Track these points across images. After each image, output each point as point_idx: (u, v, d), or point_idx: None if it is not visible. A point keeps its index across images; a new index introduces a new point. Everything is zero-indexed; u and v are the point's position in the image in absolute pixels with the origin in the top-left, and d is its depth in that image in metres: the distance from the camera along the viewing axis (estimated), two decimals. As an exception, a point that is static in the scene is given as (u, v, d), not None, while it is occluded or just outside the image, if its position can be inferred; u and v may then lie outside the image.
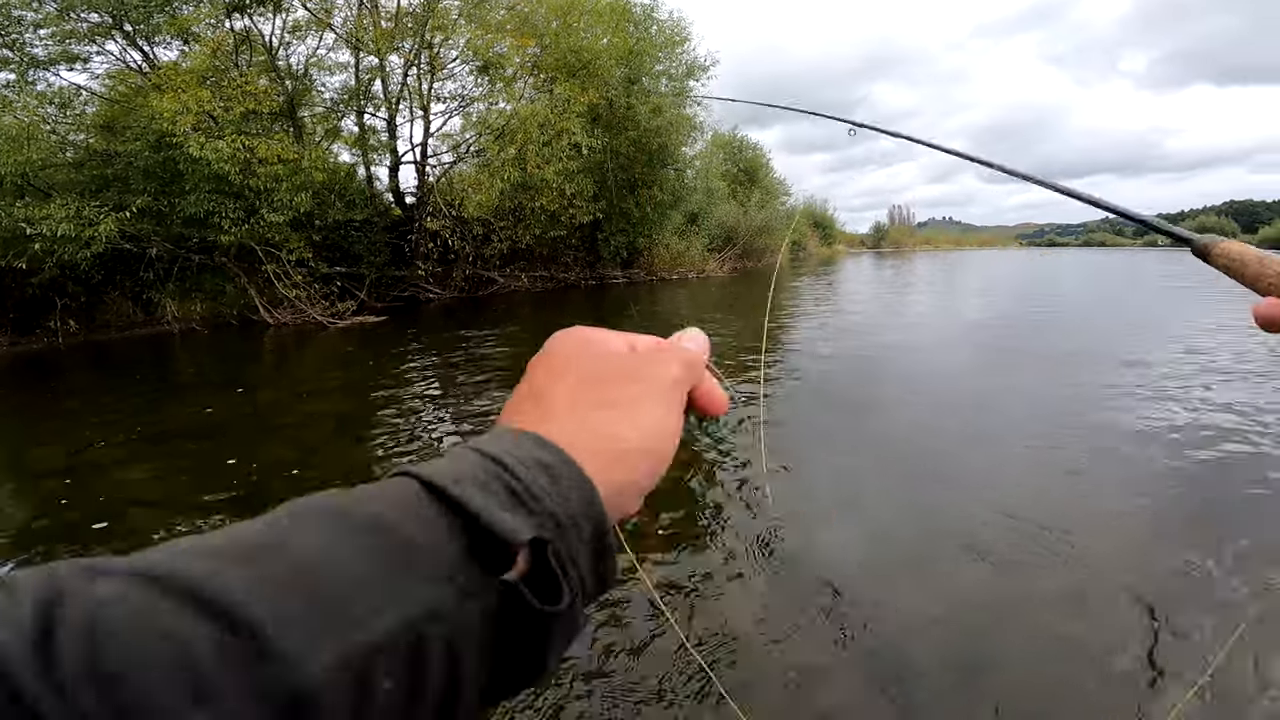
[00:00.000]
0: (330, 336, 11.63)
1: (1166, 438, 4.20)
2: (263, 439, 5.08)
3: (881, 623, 2.33)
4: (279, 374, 8.80)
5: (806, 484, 3.67)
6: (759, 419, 4.42)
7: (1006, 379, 6.31)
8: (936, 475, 3.70)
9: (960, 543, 2.88)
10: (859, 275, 24.59)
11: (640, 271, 22.68)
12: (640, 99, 17.62)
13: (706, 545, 2.96)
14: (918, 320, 11.24)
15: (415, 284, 16.83)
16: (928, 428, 4.63)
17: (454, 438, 4.84)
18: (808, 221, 37.83)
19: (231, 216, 10.87)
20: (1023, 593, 2.52)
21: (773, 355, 7.51)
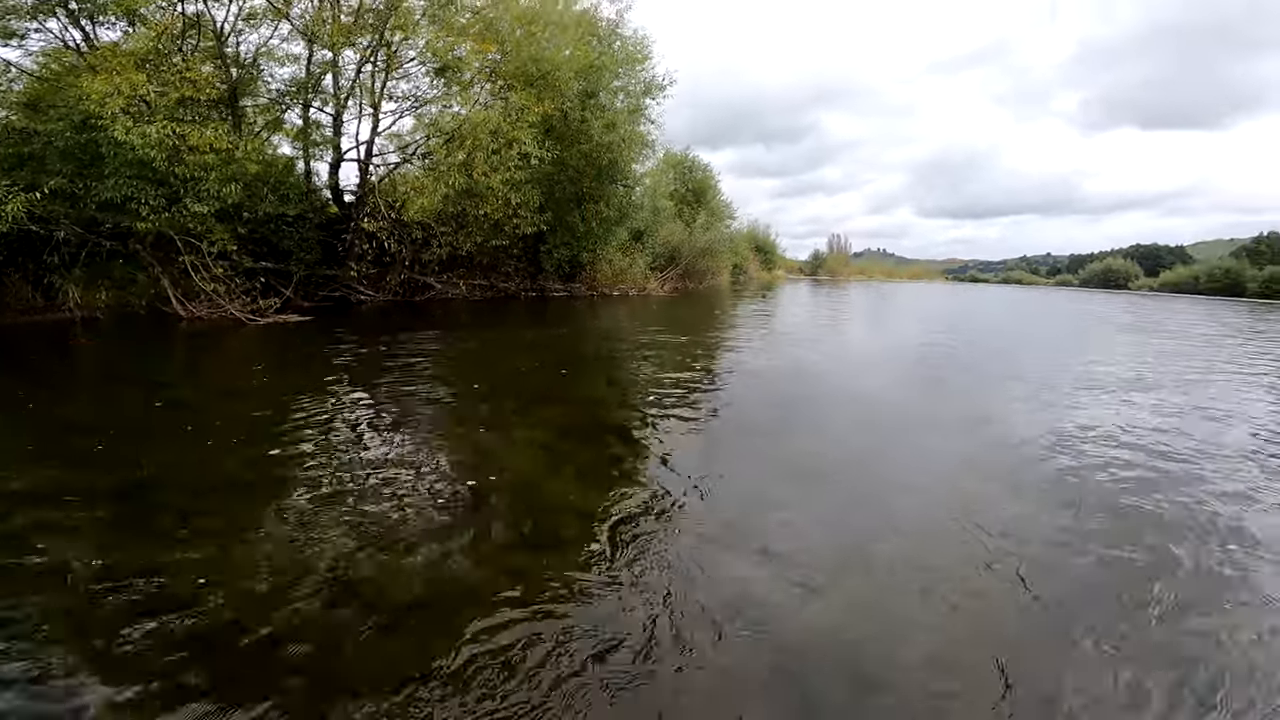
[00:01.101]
0: (249, 333, 11.19)
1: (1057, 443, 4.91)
2: (164, 437, 4.73)
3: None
4: (189, 370, 8.40)
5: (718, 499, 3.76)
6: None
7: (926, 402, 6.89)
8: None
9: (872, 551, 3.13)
10: (796, 300, 25.59)
11: (581, 286, 22.72)
12: (595, 113, 17.71)
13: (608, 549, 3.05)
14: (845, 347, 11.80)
15: (347, 285, 16.26)
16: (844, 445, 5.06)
17: (367, 444, 4.67)
18: (750, 245, 38.78)
19: (151, 204, 10.25)
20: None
21: (706, 375, 7.75)
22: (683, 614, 2.54)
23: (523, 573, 2.81)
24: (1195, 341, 14.00)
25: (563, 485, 3.94)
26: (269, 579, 2.65)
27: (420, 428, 5.17)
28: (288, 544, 2.97)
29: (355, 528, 3.15)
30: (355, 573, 2.73)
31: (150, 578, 2.63)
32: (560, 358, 9.25)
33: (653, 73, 19.46)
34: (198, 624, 2.34)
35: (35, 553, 2.80)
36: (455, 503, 3.55)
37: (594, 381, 7.81)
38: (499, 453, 4.49)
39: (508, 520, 3.37)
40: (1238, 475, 4.38)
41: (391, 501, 3.50)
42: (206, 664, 2.13)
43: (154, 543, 2.94)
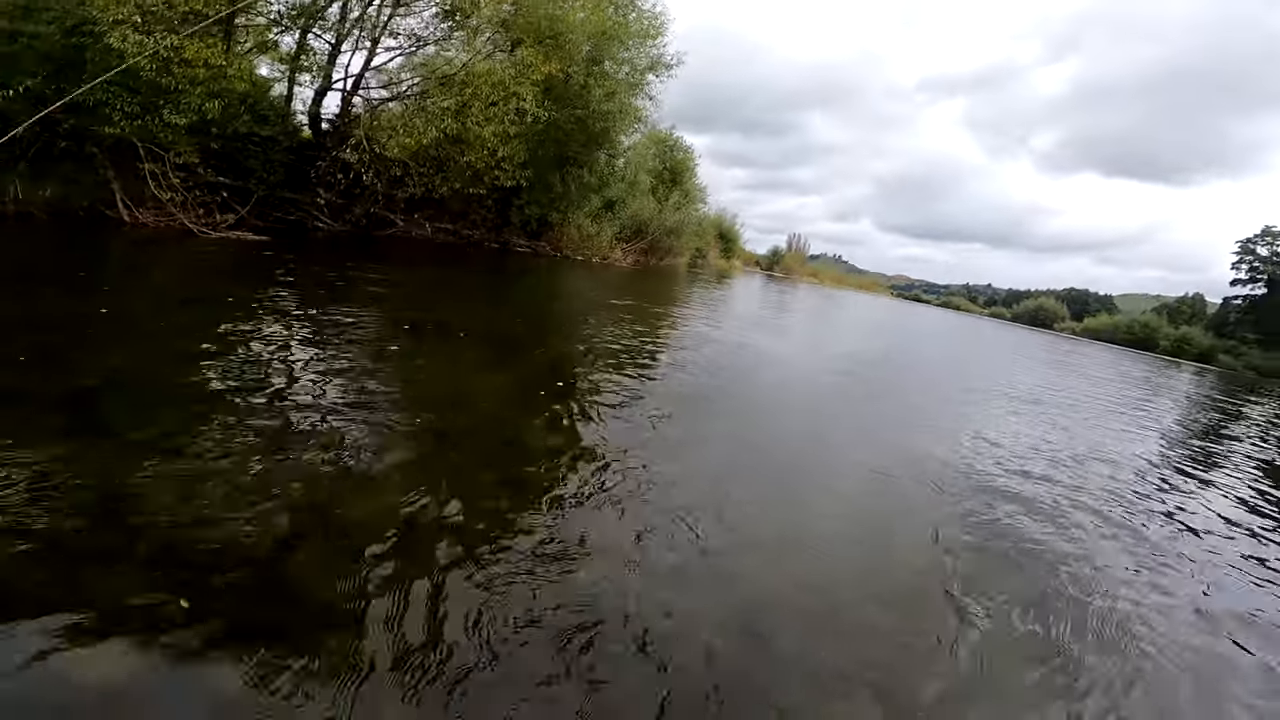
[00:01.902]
0: (198, 245, 10.71)
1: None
2: (106, 344, 4.41)
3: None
4: (135, 275, 7.91)
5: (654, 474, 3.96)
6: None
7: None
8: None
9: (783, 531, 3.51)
10: (748, 292, 26.19)
11: (546, 245, 22.45)
12: (598, 80, 17.24)
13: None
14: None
15: (306, 209, 15.41)
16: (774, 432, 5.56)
17: (290, 357, 4.73)
18: (715, 232, 38.93)
19: (126, 110, 9.38)
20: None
21: (653, 354, 8.05)
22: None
23: (490, 508, 3.00)
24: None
25: (524, 425, 4.25)
26: (232, 505, 2.60)
27: (384, 362, 5.20)
28: (250, 466, 2.92)
29: (314, 450, 3.19)
30: (316, 495, 2.78)
31: (108, 489, 2.55)
32: (526, 310, 9.68)
33: (662, 50, 19.04)
34: (158, 539, 2.31)
35: None
36: (417, 435, 3.68)
37: (559, 333, 8.27)
38: (454, 392, 4.75)
39: (468, 456, 3.56)
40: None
41: (355, 431, 3.54)
42: (159, 580, 2.11)
43: (109, 453, 2.83)
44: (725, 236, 40.90)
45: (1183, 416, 12.87)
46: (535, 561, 2.64)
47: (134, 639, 1.86)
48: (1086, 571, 3.65)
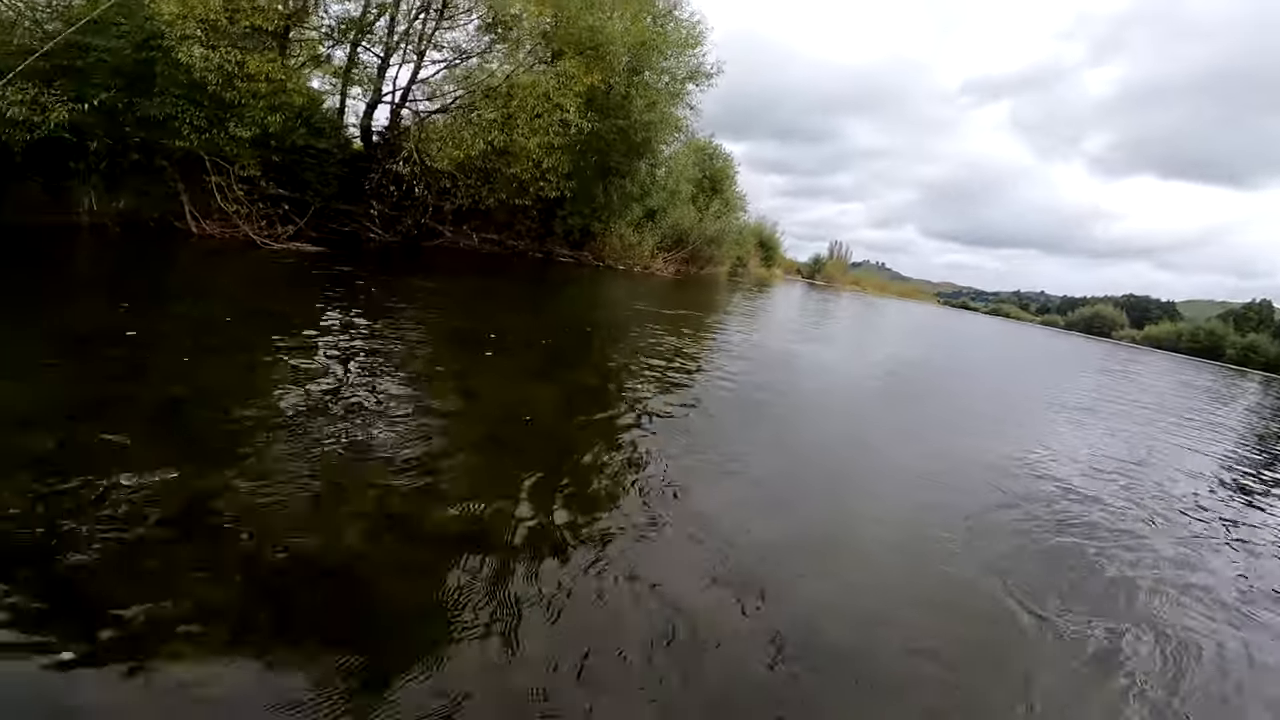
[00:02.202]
0: (261, 256, 11.20)
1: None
2: (185, 356, 4.58)
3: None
4: (204, 285, 8.28)
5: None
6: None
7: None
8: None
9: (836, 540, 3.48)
10: (789, 300, 26.01)
11: (589, 255, 22.72)
12: (639, 91, 17.48)
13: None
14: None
15: (359, 221, 16.00)
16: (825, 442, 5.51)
17: (347, 366, 4.89)
18: (755, 240, 38.86)
19: (194, 124, 9.96)
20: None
21: (696, 361, 8.04)
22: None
23: (550, 516, 3.03)
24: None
25: (576, 433, 4.33)
26: (307, 511, 2.70)
27: (444, 368, 5.47)
28: (326, 472, 3.03)
29: (379, 459, 3.30)
30: (389, 508, 2.85)
31: (197, 500, 2.63)
32: (571, 319, 9.72)
33: (701, 60, 19.22)
34: (244, 548, 2.38)
35: (82, 470, 2.70)
36: (475, 444, 3.79)
37: (604, 342, 8.32)
38: (514, 401, 4.83)
39: (531, 463, 3.61)
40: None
41: (417, 439, 3.64)
42: (249, 589, 2.17)
43: (198, 464, 2.93)
44: (765, 245, 40.75)
45: (1245, 426, 12.27)
46: (594, 567, 2.68)
47: (222, 644, 1.92)
48: (1146, 580, 3.56)
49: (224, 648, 1.90)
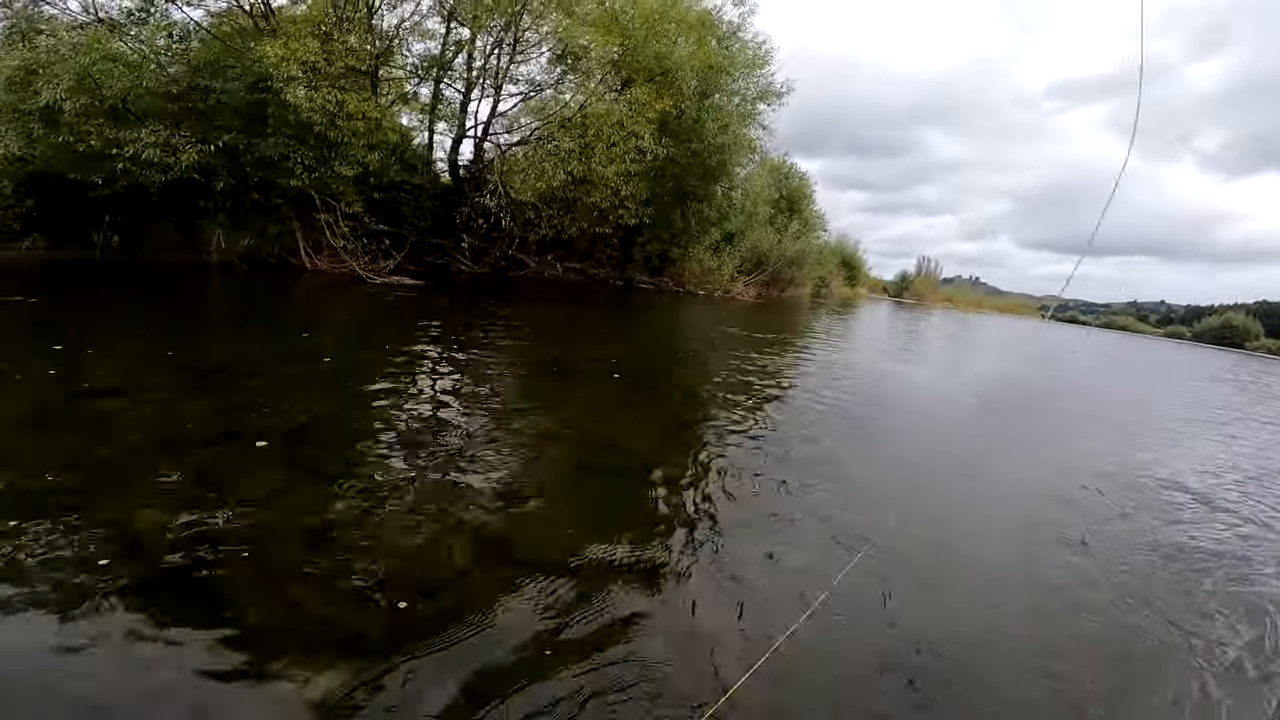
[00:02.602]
0: (366, 290, 12.04)
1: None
2: (304, 386, 5.07)
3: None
4: (324, 318, 9.11)
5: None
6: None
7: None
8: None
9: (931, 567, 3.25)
10: (875, 320, 25.27)
11: (668, 280, 22.96)
12: (711, 114, 17.83)
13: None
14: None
15: (450, 254, 17.01)
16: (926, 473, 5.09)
17: (449, 395, 5.14)
18: (837, 260, 38.23)
19: (305, 163, 11.06)
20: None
21: (785, 382, 7.90)
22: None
23: (643, 542, 3.01)
24: None
25: (665, 458, 4.22)
26: (417, 534, 2.83)
27: (535, 397, 5.62)
28: (430, 499, 3.17)
29: (479, 483, 3.41)
30: (489, 531, 2.94)
31: (312, 521, 2.82)
32: (654, 345, 9.81)
33: (770, 79, 19.42)
34: (355, 567, 2.51)
35: (214, 490, 2.94)
36: (575, 472, 3.86)
37: (688, 367, 8.29)
38: (602, 428, 4.85)
39: (625, 492, 3.63)
40: None
41: (512, 465, 3.74)
42: (358, 604, 2.29)
43: (314, 487, 3.16)
44: (848, 264, 39.97)
45: None
46: (684, 592, 2.66)
47: (333, 655, 2.03)
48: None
49: (333, 658, 2.02)
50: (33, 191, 10.19)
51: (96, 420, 3.76)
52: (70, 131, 9.27)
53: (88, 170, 9.77)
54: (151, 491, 2.88)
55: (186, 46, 11.38)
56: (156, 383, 4.59)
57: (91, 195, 10.32)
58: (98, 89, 9.33)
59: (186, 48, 11.36)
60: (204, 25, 11.74)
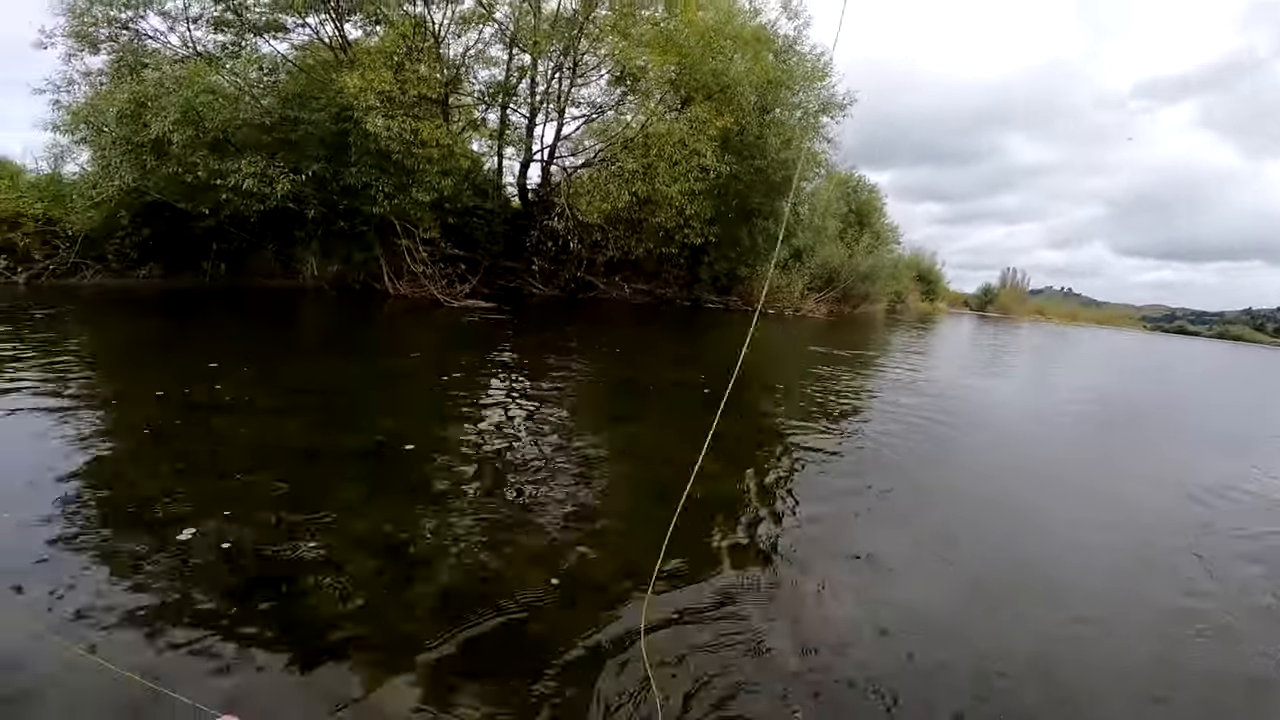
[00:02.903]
0: (443, 313, 12.60)
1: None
2: (384, 405, 5.35)
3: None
4: (401, 341, 9.59)
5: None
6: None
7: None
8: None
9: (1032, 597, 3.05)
10: (957, 335, 24.27)
11: (737, 299, 22.88)
12: (772, 129, 17.92)
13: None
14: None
15: (522, 277, 17.68)
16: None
17: (525, 416, 5.27)
18: (912, 274, 37.17)
19: (386, 190, 11.90)
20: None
21: (862, 399, 7.73)
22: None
23: (713, 565, 2.96)
24: None
25: (736, 481, 4.14)
26: (487, 550, 2.91)
27: (602, 420, 5.62)
28: (502, 515, 3.25)
29: (549, 503, 3.47)
30: (559, 549, 2.97)
31: (392, 536, 2.95)
32: (723, 365, 9.36)
33: (831, 91, 19.36)
34: (430, 582, 2.61)
35: (305, 504, 3.13)
36: (642, 491, 3.83)
37: (759, 387, 7.99)
38: (675, 446, 4.69)
39: (697, 512, 3.45)
40: None
41: (584, 484, 3.81)
42: (433, 619, 2.35)
43: (395, 503, 3.29)
44: (925, 277, 38.66)
45: None
46: (768, 612, 2.62)
47: (403, 666, 2.10)
48: None
49: (400, 668, 2.09)
50: (148, 221, 11.41)
51: (204, 433, 4.14)
52: (178, 163, 10.36)
53: (195, 200, 10.87)
54: (243, 501, 3.13)
55: (275, 79, 12.52)
56: (257, 401, 4.99)
57: (200, 225, 11.44)
58: (200, 121, 10.38)
59: (275, 80, 12.50)
60: (289, 58, 12.90)
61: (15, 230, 10.45)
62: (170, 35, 11.83)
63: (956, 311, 49.30)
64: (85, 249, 11.01)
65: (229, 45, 11.77)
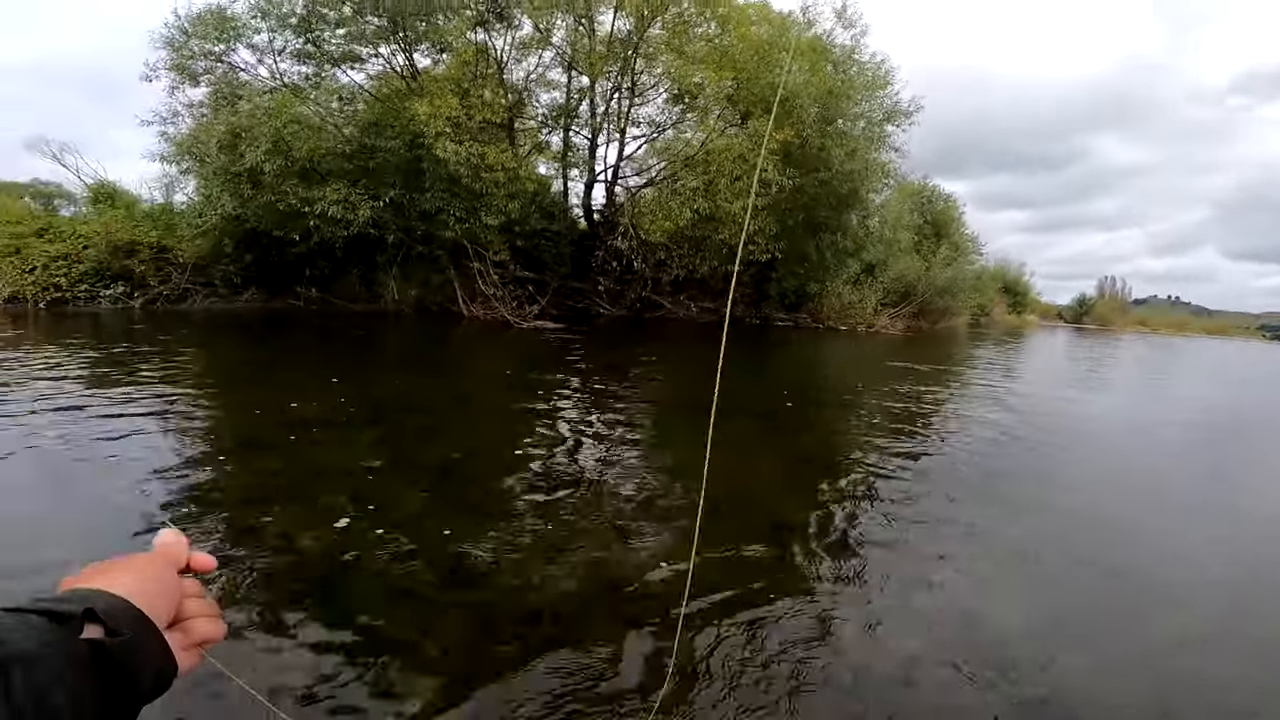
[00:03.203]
0: (514, 334, 13.00)
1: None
2: (458, 423, 5.66)
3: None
4: (473, 361, 9.99)
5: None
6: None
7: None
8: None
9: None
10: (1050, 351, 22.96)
11: (806, 317, 22.55)
12: (835, 141, 17.78)
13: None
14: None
15: (589, 297, 18.14)
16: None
17: (588, 434, 5.37)
18: (997, 286, 35.59)
19: (457, 215, 12.61)
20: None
21: (947, 415, 7.46)
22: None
23: (760, 591, 2.85)
24: None
25: (792, 503, 4.05)
26: (544, 564, 2.98)
27: (665, 439, 5.63)
28: (556, 531, 3.34)
29: (606, 520, 3.55)
30: (608, 571, 2.98)
31: (455, 550, 3.07)
32: (788, 383, 9.39)
33: (895, 99, 19.05)
34: (487, 595, 2.70)
35: (372, 515, 3.34)
36: (688, 510, 3.74)
37: (825, 406, 7.96)
38: (731, 469, 4.59)
39: (738, 532, 3.45)
40: None
41: (637, 506, 3.81)
42: (479, 635, 2.41)
43: (460, 518, 3.44)
44: (1011, 289, 36.84)
45: None
46: (821, 642, 2.50)
47: (461, 677, 2.17)
48: None
49: (447, 677, 2.17)
50: (249, 248, 12.54)
51: (289, 445, 4.54)
52: (271, 191, 11.35)
53: (287, 227, 11.88)
54: (317, 509, 3.41)
55: (354, 109, 13.56)
56: (338, 415, 5.43)
57: (293, 251, 12.46)
58: (289, 150, 11.35)
59: (354, 110, 13.53)
60: (365, 87, 13.95)
61: (132, 258, 11.75)
62: (260, 68, 13.16)
63: (1049, 324, 46.61)
64: (194, 275, 12.20)
65: (311, 76, 12.88)
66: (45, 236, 12.15)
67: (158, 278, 12.07)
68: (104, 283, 11.86)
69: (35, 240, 12.06)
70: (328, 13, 12.76)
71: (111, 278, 11.91)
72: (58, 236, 12.16)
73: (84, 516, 3.28)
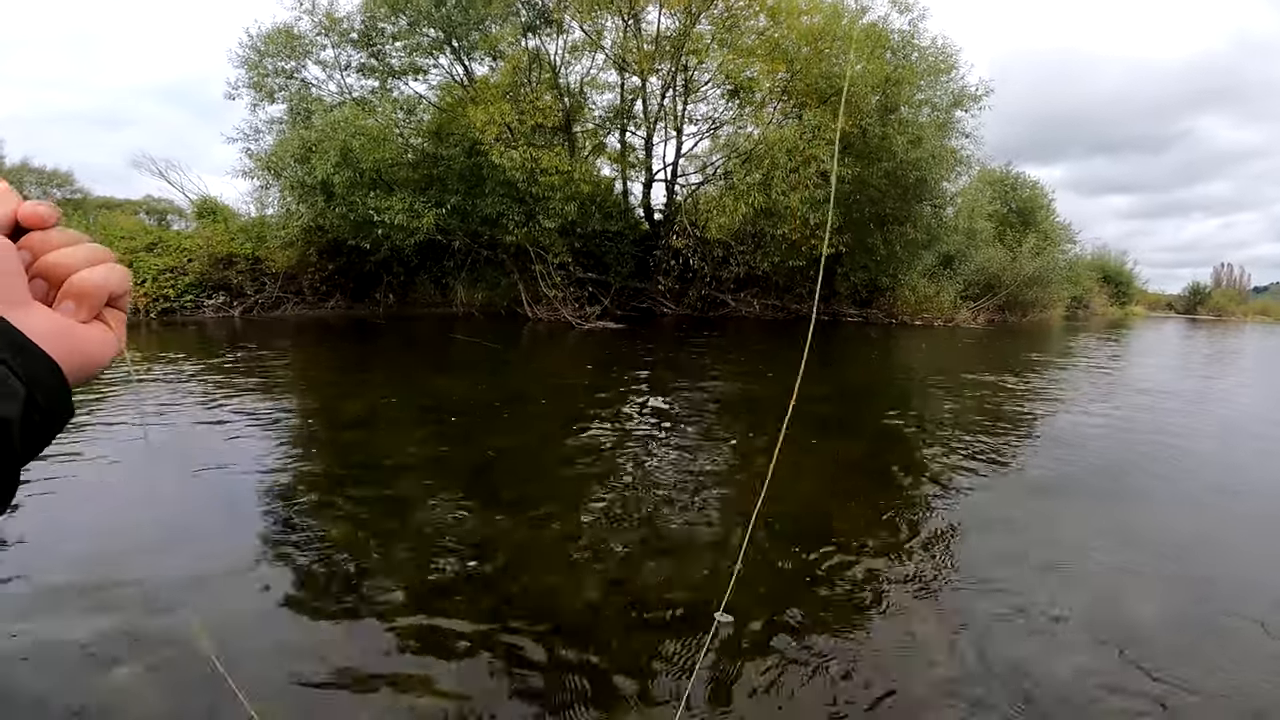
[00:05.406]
0: (577, 336, 13.41)
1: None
2: (505, 422, 5.84)
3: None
4: (535, 363, 10.49)
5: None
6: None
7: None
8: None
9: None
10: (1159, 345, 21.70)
11: (878, 312, 22.23)
12: (897, 129, 17.66)
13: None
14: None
15: (652, 297, 18.72)
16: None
17: (651, 436, 5.53)
18: (1095, 276, 33.77)
19: (516, 219, 13.52)
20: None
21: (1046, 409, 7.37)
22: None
23: (793, 604, 2.80)
24: None
25: (839, 512, 3.96)
26: (562, 569, 3.03)
27: (715, 442, 5.54)
28: (585, 537, 3.38)
29: (639, 522, 3.60)
30: (634, 578, 3.00)
31: (483, 544, 3.21)
32: (855, 382, 9.32)
33: (961, 83, 18.70)
34: (507, 591, 2.81)
35: (404, 511, 3.57)
36: (737, 523, 3.64)
37: (892, 407, 7.70)
38: (784, 478, 4.47)
39: (782, 544, 3.40)
40: None
41: (676, 512, 3.78)
42: (500, 635, 2.47)
43: (490, 512, 3.60)
44: (1113, 278, 34.77)
45: None
46: (872, 669, 2.38)
47: (482, 669, 2.26)
48: None
49: (464, 674, 2.24)
50: (332, 258, 13.90)
51: (365, 442, 5.06)
52: (343, 201, 12.54)
53: (360, 236, 13.09)
54: (353, 506, 3.68)
55: (418, 119, 14.71)
56: (397, 415, 5.99)
57: (371, 259, 13.72)
58: (357, 162, 12.47)
59: (420, 120, 14.68)
60: (426, 97, 15.12)
61: (230, 269, 13.29)
62: (329, 83, 14.56)
63: (1158, 315, 43.52)
64: (285, 284, 13.67)
65: (376, 90, 14.14)
66: (155, 250, 13.87)
67: (253, 287, 13.61)
68: (206, 293, 13.48)
69: (145, 254, 13.73)
70: (386, 27, 13.99)
71: (213, 288, 13.52)
72: (165, 250, 13.87)
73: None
